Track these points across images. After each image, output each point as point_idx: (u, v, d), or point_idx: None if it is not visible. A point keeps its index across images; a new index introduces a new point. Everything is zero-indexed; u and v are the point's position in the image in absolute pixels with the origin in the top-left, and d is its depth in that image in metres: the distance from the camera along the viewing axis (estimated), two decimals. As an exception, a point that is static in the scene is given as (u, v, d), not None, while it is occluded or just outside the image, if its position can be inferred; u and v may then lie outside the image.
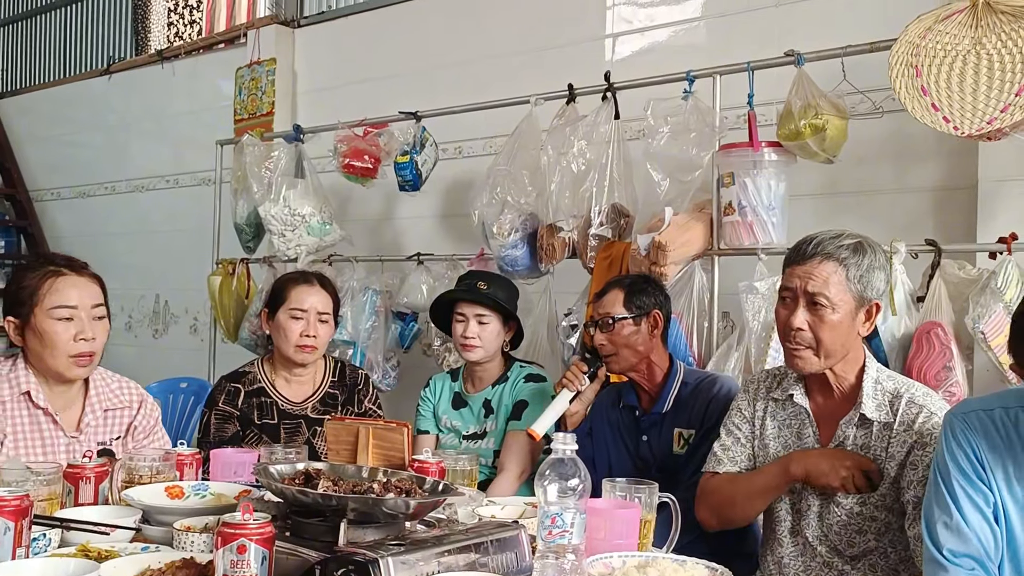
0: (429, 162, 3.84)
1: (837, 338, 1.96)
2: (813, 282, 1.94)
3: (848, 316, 1.95)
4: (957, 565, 1.63)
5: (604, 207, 3.16)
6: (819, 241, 1.97)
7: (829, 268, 1.94)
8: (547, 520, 1.40)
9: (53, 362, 2.16)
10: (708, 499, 2.13)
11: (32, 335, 2.16)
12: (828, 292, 1.93)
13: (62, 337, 2.14)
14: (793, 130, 2.74)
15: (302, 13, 5.06)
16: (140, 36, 6.26)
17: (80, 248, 6.11)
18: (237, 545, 1.33)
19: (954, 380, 2.45)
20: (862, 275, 1.95)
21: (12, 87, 7.14)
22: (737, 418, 2.16)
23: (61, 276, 2.17)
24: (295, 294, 2.74)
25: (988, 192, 2.77)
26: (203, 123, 5.34)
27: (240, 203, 4.29)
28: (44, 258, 2.25)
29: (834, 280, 1.94)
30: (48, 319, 2.14)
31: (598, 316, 2.57)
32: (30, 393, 2.16)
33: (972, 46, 2.38)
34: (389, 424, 1.94)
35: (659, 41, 3.71)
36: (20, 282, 2.18)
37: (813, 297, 1.94)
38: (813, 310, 1.95)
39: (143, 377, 4.11)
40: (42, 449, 2.16)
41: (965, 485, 1.66)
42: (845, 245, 1.96)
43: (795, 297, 1.97)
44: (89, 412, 2.25)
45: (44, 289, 2.14)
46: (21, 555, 1.47)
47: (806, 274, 1.95)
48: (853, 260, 1.95)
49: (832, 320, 1.94)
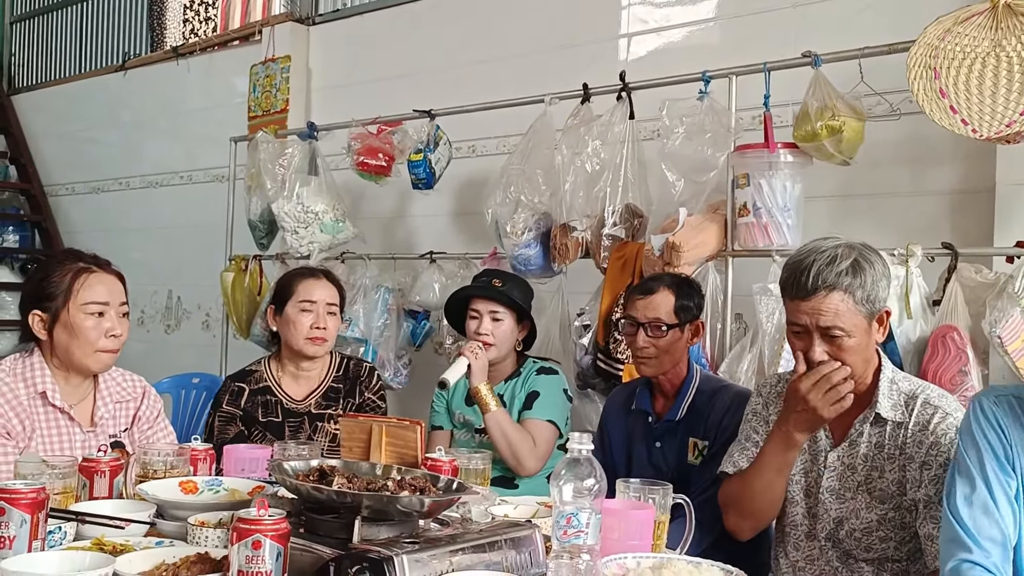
0: (443, 160, 3.84)
1: (860, 358, 1.94)
2: (824, 317, 1.89)
3: (864, 334, 1.93)
4: (979, 546, 1.64)
5: (618, 207, 3.16)
6: (816, 273, 1.88)
7: (836, 299, 1.88)
8: (562, 520, 1.40)
9: (80, 356, 2.19)
10: (732, 505, 2.11)
11: (62, 329, 2.18)
12: (841, 323, 1.88)
13: (93, 333, 2.18)
14: (809, 131, 2.72)
15: (317, 11, 5.07)
16: (155, 33, 6.28)
17: (93, 243, 6.09)
18: (252, 541, 1.33)
19: (969, 384, 2.44)
20: (867, 294, 1.89)
21: (28, 83, 7.17)
22: (754, 420, 2.15)
23: (92, 273, 2.21)
24: (303, 287, 2.76)
25: (1006, 196, 2.75)
26: (217, 120, 5.35)
27: (253, 200, 4.30)
28: (72, 254, 2.27)
29: (843, 309, 1.88)
30: (80, 314, 2.17)
31: (646, 319, 2.48)
32: (46, 393, 2.18)
33: (992, 48, 2.36)
34: (403, 422, 1.94)
35: (674, 41, 3.70)
36: (49, 276, 2.20)
37: (828, 331, 1.90)
38: (830, 341, 1.91)
39: (155, 372, 4.14)
40: (59, 446, 2.17)
41: (993, 464, 1.67)
42: (844, 270, 1.88)
43: (807, 331, 1.92)
44: (101, 405, 2.27)
45: (77, 284, 2.18)
46: (37, 548, 1.48)
47: (814, 311, 1.89)
48: (857, 283, 1.88)
49: (851, 345, 1.91)
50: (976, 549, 1.64)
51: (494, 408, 2.69)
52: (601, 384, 3.18)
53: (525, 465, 2.71)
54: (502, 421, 2.70)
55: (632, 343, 2.53)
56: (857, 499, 1.98)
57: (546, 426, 2.77)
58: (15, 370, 2.20)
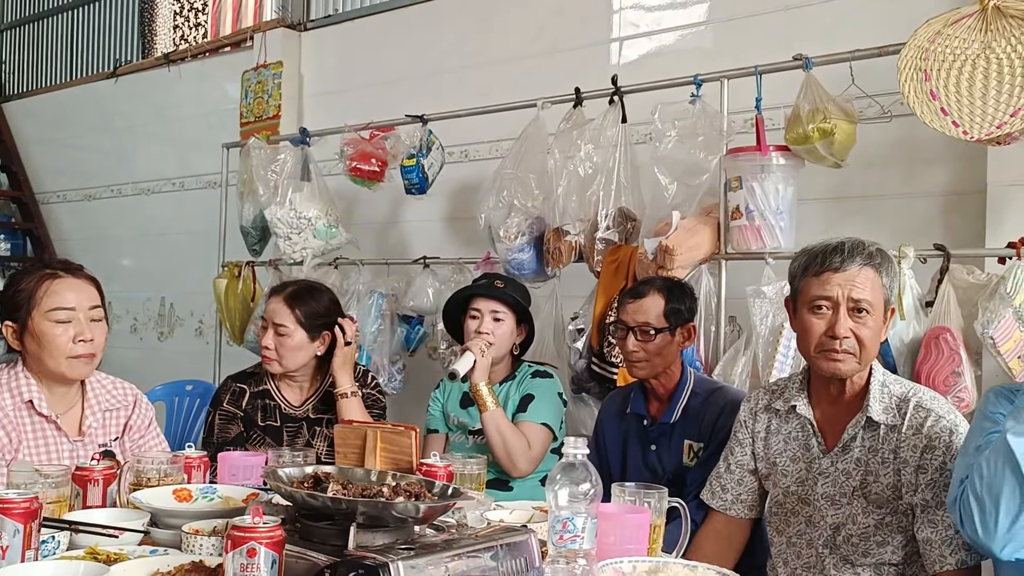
0: (435, 165, 3.84)
1: (876, 342, 1.98)
2: (858, 289, 1.94)
3: (881, 320, 1.98)
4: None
5: (611, 211, 3.16)
6: (851, 247, 1.96)
7: (870, 274, 1.95)
8: (558, 525, 1.40)
9: (53, 364, 2.15)
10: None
11: (30, 338, 2.15)
12: (871, 298, 1.94)
13: (60, 339, 2.13)
14: (801, 134, 2.73)
15: (308, 16, 5.06)
16: (146, 39, 6.27)
17: (85, 251, 6.16)
18: (247, 548, 1.32)
19: (963, 385, 2.45)
20: (891, 280, 1.98)
21: (19, 89, 7.15)
22: (736, 446, 2.20)
23: (57, 278, 2.16)
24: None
25: (997, 197, 2.76)
26: (209, 126, 5.34)
27: (246, 206, 4.29)
28: (39, 262, 2.24)
29: (874, 286, 1.95)
30: (46, 322, 2.13)
31: (635, 323, 2.50)
32: (32, 402, 2.16)
33: (982, 50, 2.37)
34: (397, 427, 1.94)
35: (666, 45, 3.71)
36: (16, 286, 2.17)
37: (858, 304, 1.94)
38: (856, 316, 1.94)
39: (148, 380, 4.14)
40: (47, 456, 2.15)
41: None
42: (874, 251, 1.97)
43: (834, 306, 1.95)
44: (89, 414, 2.25)
45: (41, 292, 2.13)
46: (30, 557, 1.47)
47: (848, 281, 1.94)
48: (884, 266, 1.97)
49: (872, 327, 1.96)
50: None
51: (492, 407, 2.69)
52: (595, 388, 3.18)
53: (518, 466, 2.71)
54: (499, 421, 2.70)
55: (623, 347, 2.54)
56: (853, 504, 1.98)
57: (540, 429, 2.77)
58: (0, 381, 2.17)
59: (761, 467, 2.14)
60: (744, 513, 2.18)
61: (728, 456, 2.19)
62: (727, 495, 2.18)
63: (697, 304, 2.64)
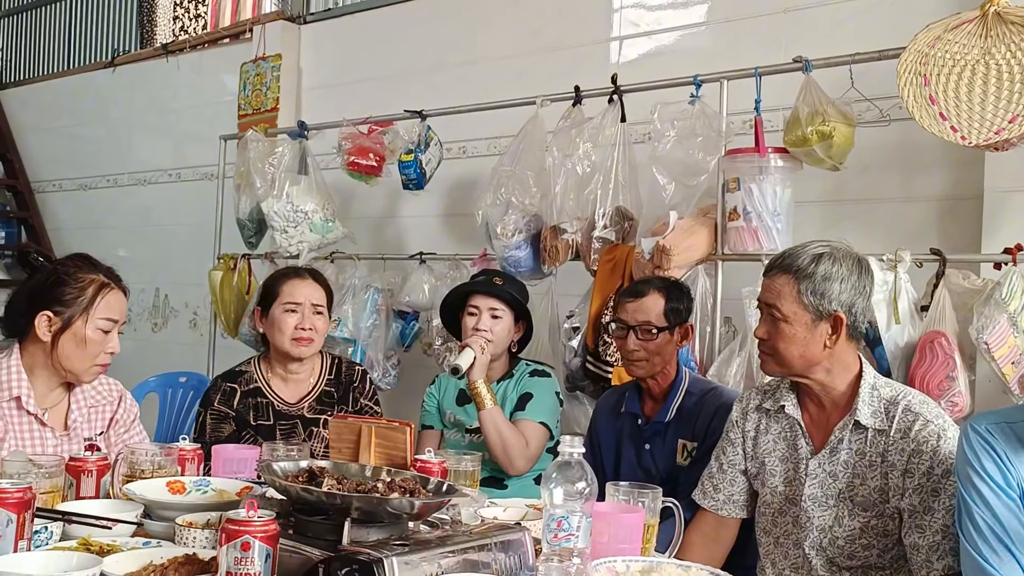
0: (433, 161, 3.84)
1: (793, 349, 1.99)
2: (768, 295, 2.02)
3: (804, 328, 1.98)
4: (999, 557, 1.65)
5: (608, 210, 3.16)
6: (781, 256, 2.04)
7: (782, 281, 1.99)
8: (553, 523, 1.40)
9: (80, 367, 2.19)
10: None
11: (71, 337, 2.17)
12: (780, 304, 1.98)
13: (100, 346, 2.20)
14: (800, 136, 2.73)
15: (308, 9, 5.05)
16: (145, 30, 6.25)
17: (80, 240, 6.14)
18: (241, 542, 1.32)
19: (957, 390, 2.45)
20: (815, 287, 1.96)
21: (16, 78, 7.13)
22: (727, 446, 2.20)
23: (112, 290, 2.23)
24: (287, 288, 2.75)
25: (994, 203, 2.77)
26: (207, 118, 5.33)
27: (243, 198, 4.28)
28: (89, 262, 2.26)
29: (785, 292, 1.98)
30: (95, 328, 2.18)
31: (636, 322, 2.51)
32: (20, 399, 2.16)
33: (981, 56, 2.37)
34: (392, 423, 1.93)
35: (666, 45, 3.71)
36: (69, 283, 2.18)
37: (768, 309, 2.02)
38: (770, 322, 2.01)
39: (142, 371, 4.14)
40: (31, 451, 2.14)
41: (995, 490, 1.68)
42: (802, 260, 1.98)
43: (762, 308, 2.05)
44: (75, 410, 2.26)
45: (100, 299, 2.19)
46: (23, 548, 1.47)
47: (766, 287, 2.04)
48: (807, 272, 1.97)
49: (785, 331, 1.99)
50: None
51: (490, 405, 2.69)
52: (590, 387, 3.18)
53: (516, 464, 2.71)
54: (497, 418, 2.70)
55: (622, 346, 2.54)
56: (840, 507, 1.98)
57: (538, 427, 2.77)
58: None
59: (751, 466, 2.15)
60: (736, 512, 2.19)
61: (720, 456, 2.19)
62: (719, 495, 2.19)
63: (693, 304, 2.64)
